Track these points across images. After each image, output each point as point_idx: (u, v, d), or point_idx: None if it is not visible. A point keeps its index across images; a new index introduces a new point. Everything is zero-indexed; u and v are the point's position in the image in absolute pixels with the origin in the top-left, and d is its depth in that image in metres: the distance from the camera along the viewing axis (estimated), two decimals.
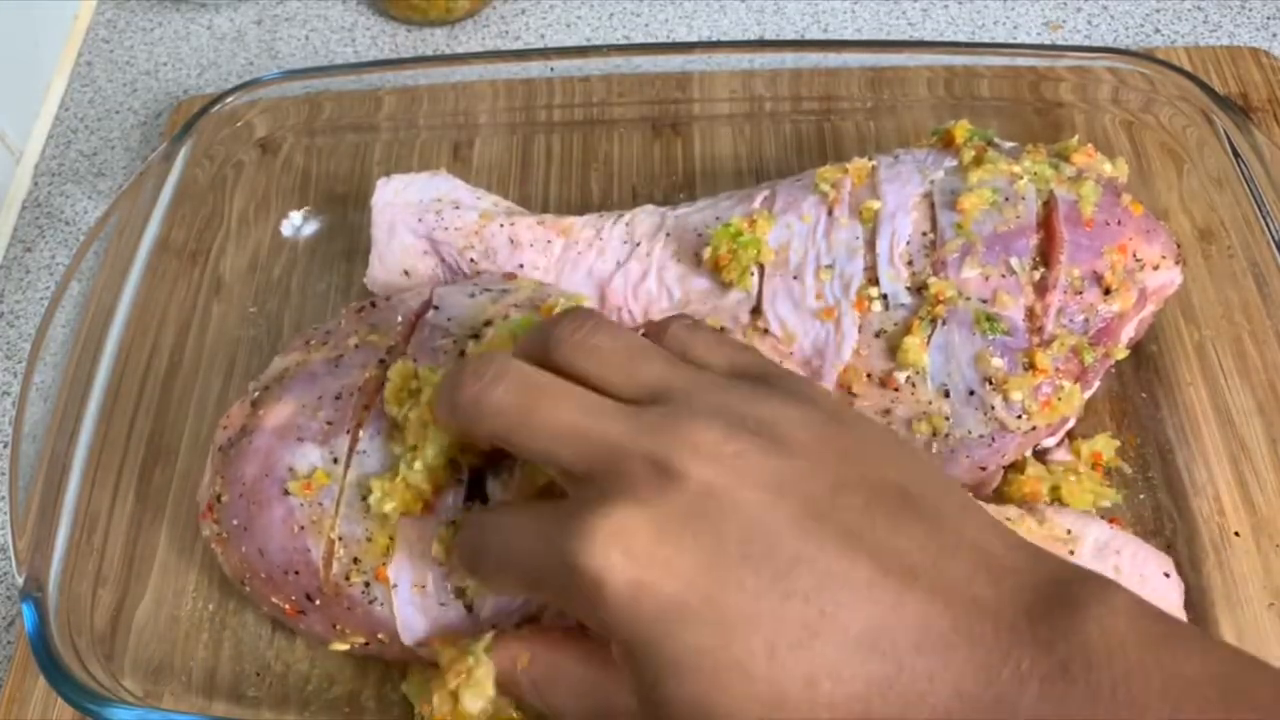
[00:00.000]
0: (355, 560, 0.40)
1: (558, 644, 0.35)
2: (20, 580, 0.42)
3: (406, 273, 0.52)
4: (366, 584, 0.40)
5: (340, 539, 0.40)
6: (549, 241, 0.50)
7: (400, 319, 0.45)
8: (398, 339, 0.44)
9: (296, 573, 0.41)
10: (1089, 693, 0.26)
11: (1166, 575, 0.42)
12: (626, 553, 0.29)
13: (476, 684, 0.35)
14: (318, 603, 0.41)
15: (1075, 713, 0.26)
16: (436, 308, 0.45)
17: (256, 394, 0.45)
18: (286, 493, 0.41)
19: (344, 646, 0.42)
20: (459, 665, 0.36)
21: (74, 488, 0.45)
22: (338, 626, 0.41)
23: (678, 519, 0.30)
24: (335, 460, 0.41)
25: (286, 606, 0.42)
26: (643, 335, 0.37)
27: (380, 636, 0.41)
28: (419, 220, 0.51)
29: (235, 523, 0.42)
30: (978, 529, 0.31)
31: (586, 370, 0.34)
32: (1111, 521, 0.44)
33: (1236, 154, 0.50)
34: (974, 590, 0.29)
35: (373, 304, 0.47)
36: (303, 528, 0.41)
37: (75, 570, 0.44)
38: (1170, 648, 0.27)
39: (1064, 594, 0.29)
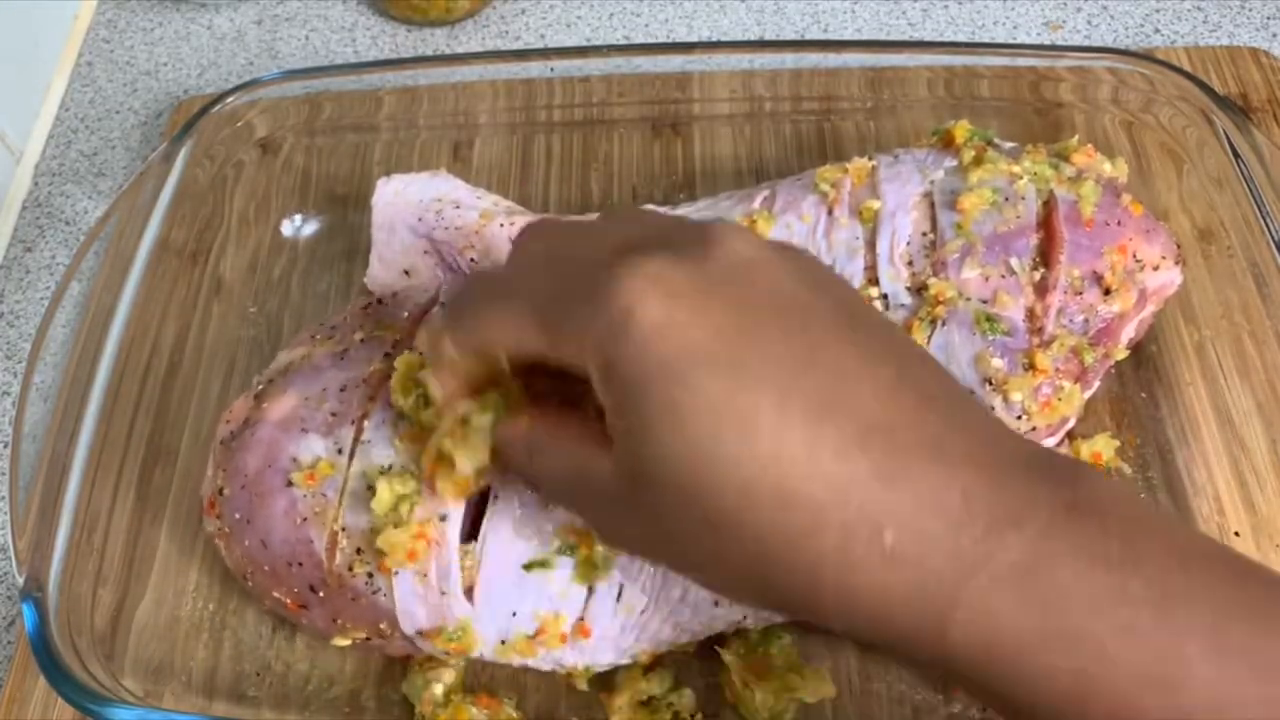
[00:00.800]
0: (359, 551, 0.40)
1: (557, 422, 0.34)
2: (20, 580, 0.42)
3: (407, 272, 0.52)
4: (370, 575, 0.40)
5: (344, 529, 0.40)
6: None
7: (406, 314, 0.46)
8: (403, 333, 0.44)
9: (300, 564, 0.41)
10: (1100, 526, 0.27)
11: None
12: (663, 291, 0.29)
13: (474, 443, 0.34)
14: (321, 594, 0.41)
15: (1089, 540, 0.26)
16: (444, 304, 0.45)
17: (260, 387, 0.45)
18: (289, 484, 0.41)
19: (345, 642, 0.42)
20: (453, 427, 0.35)
21: (74, 488, 0.45)
22: (339, 620, 0.41)
23: (717, 277, 0.29)
24: (340, 451, 0.41)
25: (289, 600, 0.42)
26: None
27: (383, 628, 0.41)
28: (419, 220, 0.51)
29: (237, 516, 0.42)
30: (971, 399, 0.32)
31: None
32: None
33: (1236, 154, 0.50)
34: (987, 431, 0.29)
35: (379, 301, 0.47)
36: (305, 519, 0.41)
37: (75, 570, 0.44)
38: (1161, 516, 0.29)
39: (1062, 462, 0.29)
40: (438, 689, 0.43)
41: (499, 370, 0.35)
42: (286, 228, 0.59)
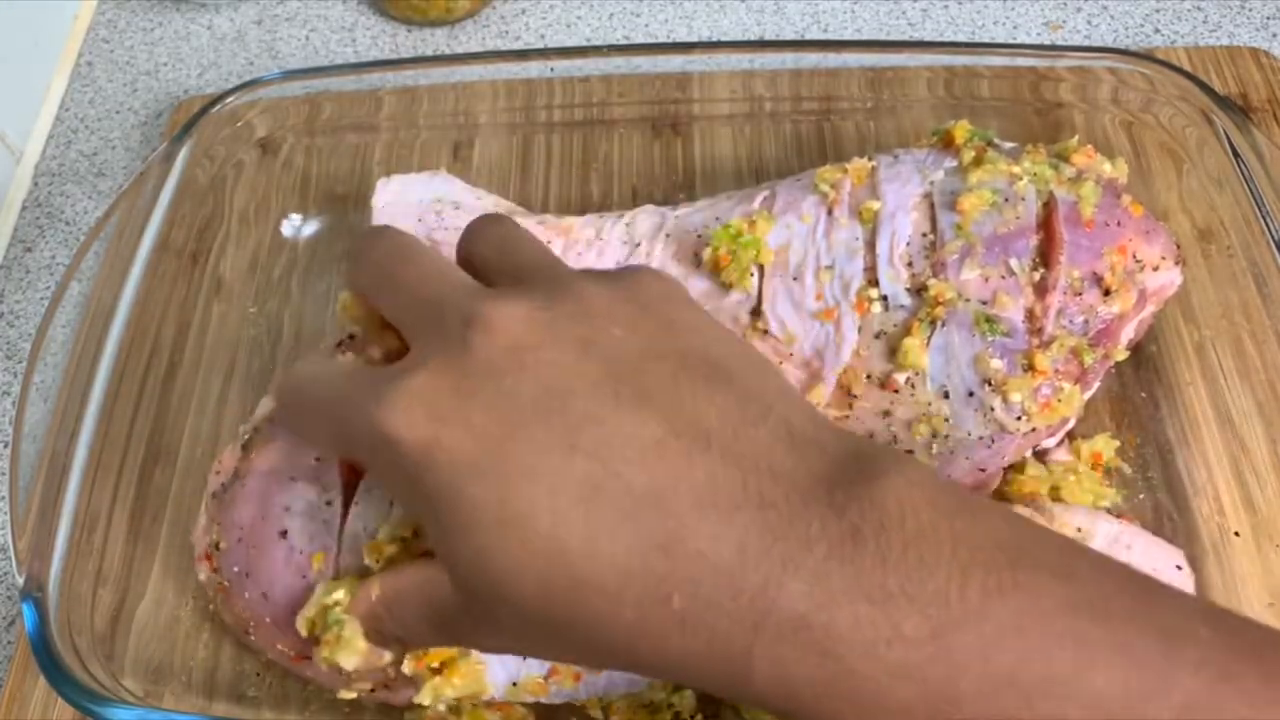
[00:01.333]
0: None
1: (398, 571, 0.34)
2: (20, 580, 0.42)
3: None
4: None
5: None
6: (549, 242, 0.50)
7: (380, 355, 0.45)
8: None
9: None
10: (878, 554, 0.26)
11: (1179, 568, 0.43)
12: (425, 411, 0.30)
13: (346, 643, 0.35)
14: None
15: (864, 573, 0.26)
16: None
17: (246, 437, 0.44)
18: (284, 534, 0.41)
19: (351, 695, 0.41)
20: (326, 635, 0.36)
21: (74, 488, 0.45)
22: (343, 673, 0.41)
23: (479, 375, 0.30)
24: (329, 502, 0.41)
25: (293, 653, 0.41)
26: None
27: (389, 674, 0.40)
28: (419, 220, 0.51)
29: (236, 569, 0.41)
30: (787, 406, 0.31)
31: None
32: (1120, 518, 0.44)
33: (1236, 154, 0.50)
34: (771, 457, 0.29)
35: (352, 337, 0.46)
36: (304, 571, 0.40)
37: (75, 570, 0.44)
38: (963, 515, 0.28)
39: (863, 465, 0.29)
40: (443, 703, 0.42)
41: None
42: (286, 228, 0.59)
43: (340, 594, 0.36)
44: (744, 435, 0.29)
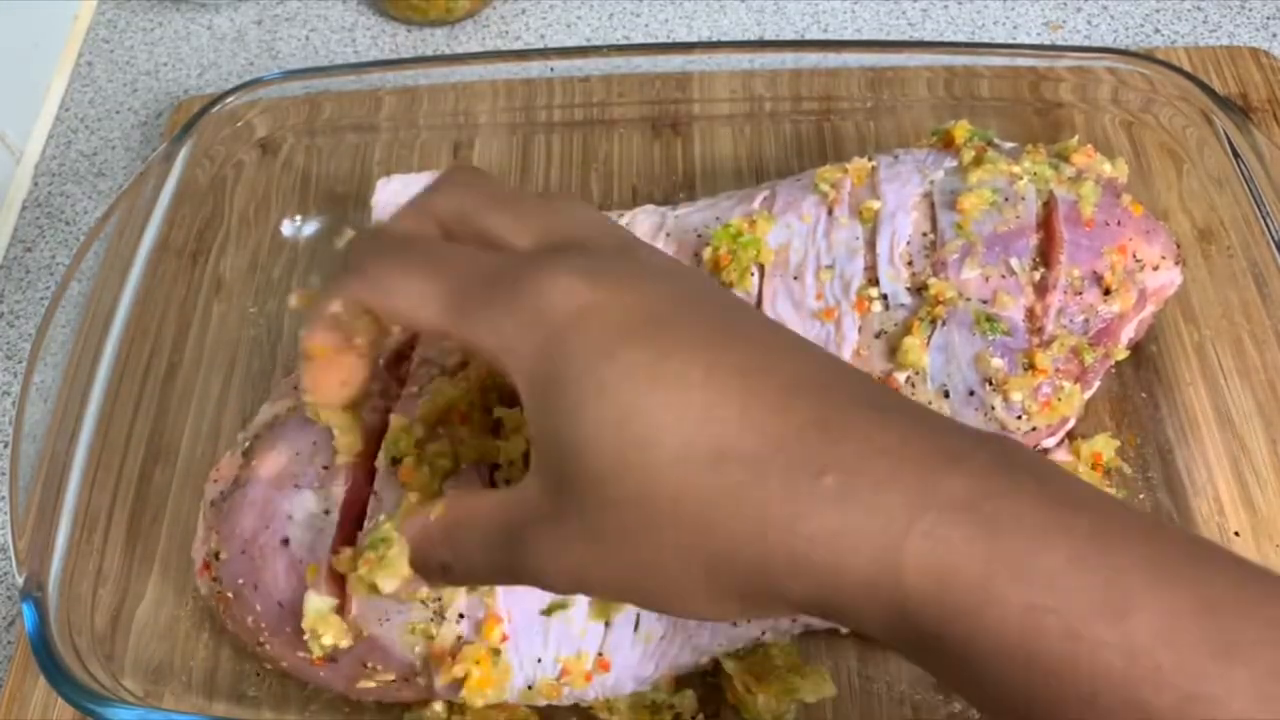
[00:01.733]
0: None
1: (470, 496, 0.33)
2: (20, 580, 0.42)
3: None
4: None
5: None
6: None
7: (388, 354, 0.45)
8: (388, 377, 0.44)
9: None
10: (1029, 475, 0.27)
11: None
12: (591, 280, 0.29)
13: (389, 564, 0.33)
14: (343, 645, 0.40)
15: (1022, 484, 0.27)
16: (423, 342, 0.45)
17: (247, 444, 0.44)
18: (286, 541, 0.40)
19: (371, 684, 0.41)
20: (369, 553, 0.34)
21: (74, 488, 0.45)
22: (369, 665, 0.41)
23: (636, 273, 0.30)
24: (327, 511, 0.40)
25: (314, 658, 0.40)
26: None
27: (417, 669, 0.40)
28: None
29: (240, 581, 0.41)
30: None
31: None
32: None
33: (1236, 154, 0.50)
34: (907, 399, 0.30)
35: None
36: (310, 577, 0.40)
37: (75, 570, 0.44)
38: (1084, 481, 0.29)
39: (984, 431, 0.29)
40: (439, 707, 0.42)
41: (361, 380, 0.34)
42: (286, 228, 0.59)
43: (394, 518, 0.34)
44: (870, 380, 0.30)
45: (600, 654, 0.40)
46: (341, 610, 0.40)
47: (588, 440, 0.28)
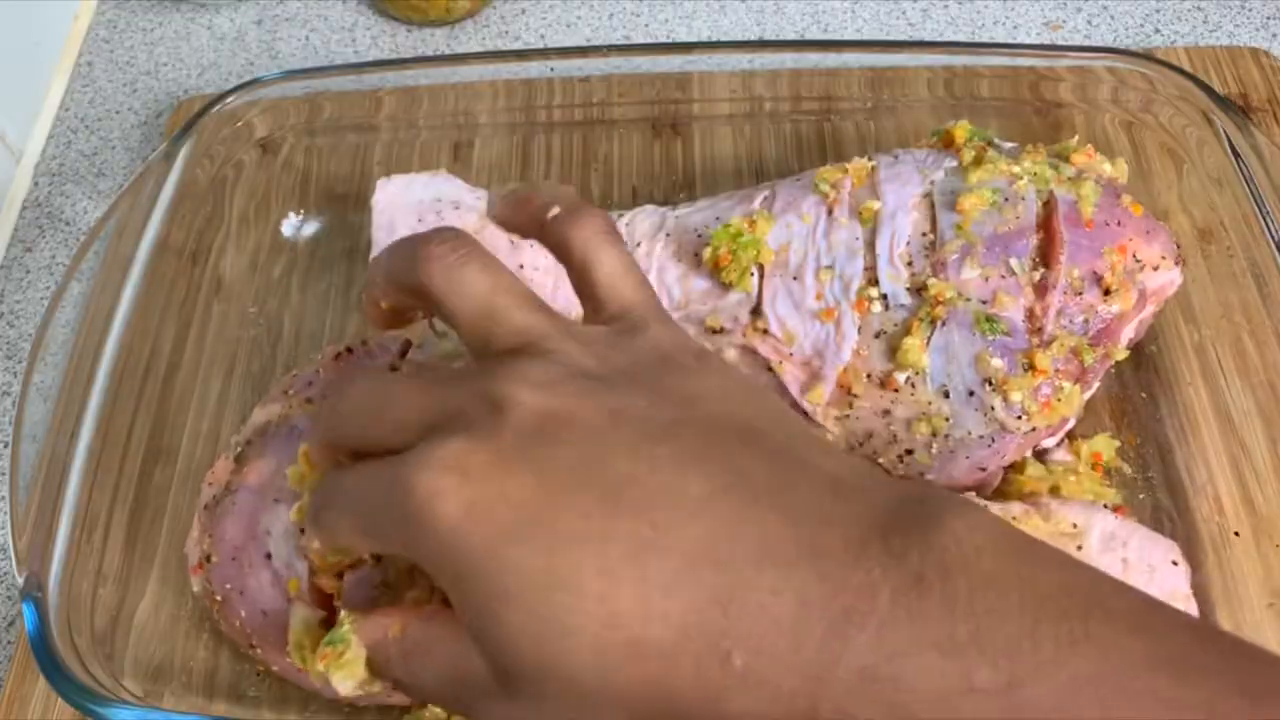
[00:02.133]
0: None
1: (429, 617, 0.33)
2: (20, 580, 0.42)
3: None
4: None
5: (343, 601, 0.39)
6: None
7: (381, 365, 0.45)
8: None
9: None
10: (945, 602, 0.25)
11: (1174, 563, 0.43)
12: (461, 476, 0.28)
13: (347, 665, 0.33)
14: None
15: (931, 623, 0.25)
16: (419, 346, 0.45)
17: (239, 448, 0.44)
18: (269, 556, 0.40)
19: (374, 689, 0.41)
20: (325, 649, 0.34)
21: (74, 488, 0.45)
22: None
23: (513, 446, 0.29)
24: (304, 528, 0.40)
25: (302, 666, 0.40)
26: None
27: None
28: (419, 220, 0.51)
29: (229, 586, 0.41)
30: (824, 457, 0.30)
31: (446, 299, 0.33)
32: (1116, 510, 0.44)
33: (1236, 154, 0.50)
34: (821, 508, 0.28)
35: (349, 350, 0.46)
36: (291, 594, 0.40)
37: (75, 570, 0.44)
38: (1029, 561, 0.27)
39: (919, 510, 0.28)
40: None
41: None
42: (286, 228, 0.59)
43: (352, 620, 0.34)
44: (788, 488, 0.28)
45: None
46: (328, 623, 0.39)
47: (508, 641, 0.28)
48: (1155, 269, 0.46)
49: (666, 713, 0.27)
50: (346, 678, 0.33)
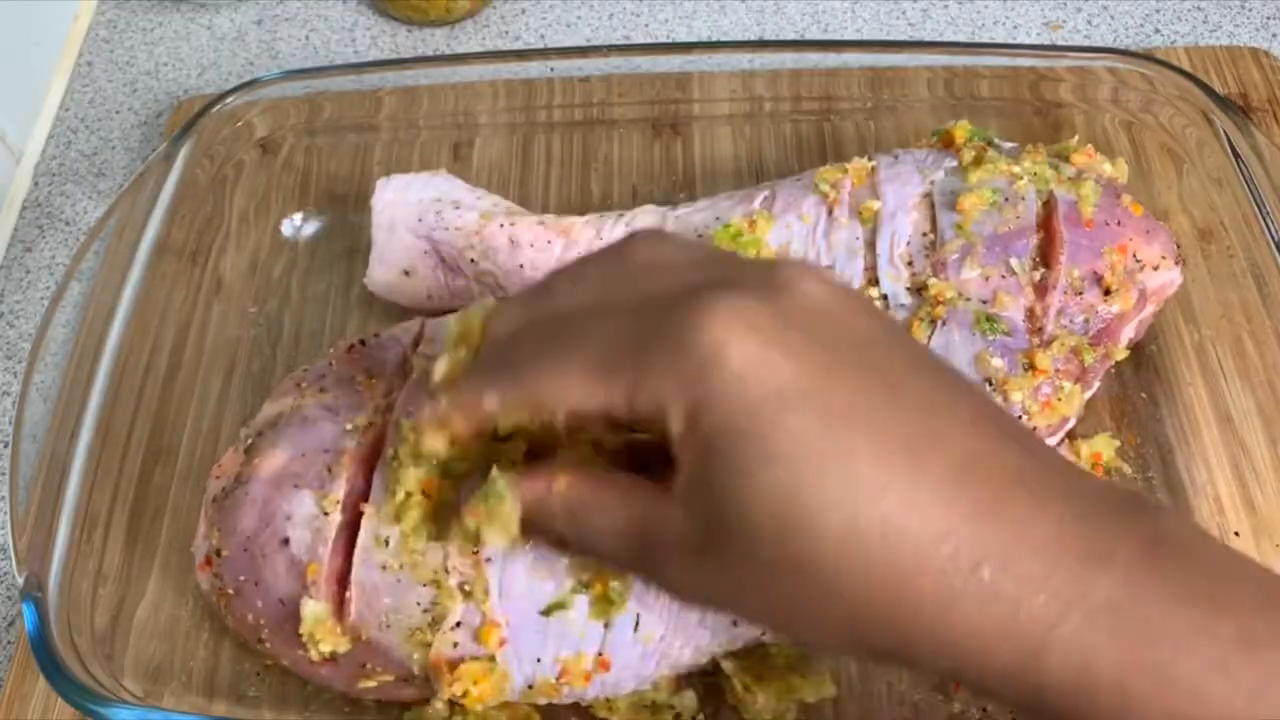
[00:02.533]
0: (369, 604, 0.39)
1: (597, 478, 0.32)
2: (20, 580, 0.42)
3: (406, 273, 0.52)
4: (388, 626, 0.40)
5: (358, 585, 0.39)
6: (549, 242, 0.50)
7: (393, 357, 0.45)
8: (393, 380, 0.44)
9: None
10: (1181, 562, 0.27)
11: None
12: (751, 329, 0.28)
13: (502, 519, 0.32)
14: (342, 650, 0.40)
15: (1172, 576, 0.27)
16: (432, 340, 0.45)
17: (250, 441, 0.44)
18: (286, 542, 0.40)
19: (372, 683, 0.41)
20: (475, 505, 0.32)
21: (74, 488, 0.45)
22: (368, 665, 0.41)
23: (796, 317, 0.29)
24: (336, 506, 0.40)
25: (313, 656, 0.40)
26: None
27: (416, 674, 0.40)
28: (419, 220, 0.51)
29: (242, 578, 0.41)
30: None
31: None
32: None
33: (1236, 154, 0.50)
34: (1065, 468, 0.29)
35: (362, 342, 0.46)
36: (309, 579, 0.40)
37: (75, 570, 0.44)
38: (1239, 555, 0.29)
39: (1132, 494, 0.29)
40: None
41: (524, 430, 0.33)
42: (286, 228, 0.59)
43: (507, 475, 0.33)
44: (1030, 439, 0.30)
45: (600, 654, 0.40)
46: (340, 614, 0.40)
47: (752, 504, 0.28)
48: (1155, 269, 0.46)
49: (885, 611, 0.28)
50: (499, 533, 0.32)
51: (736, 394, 0.28)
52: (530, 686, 0.40)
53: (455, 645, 0.39)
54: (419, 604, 0.39)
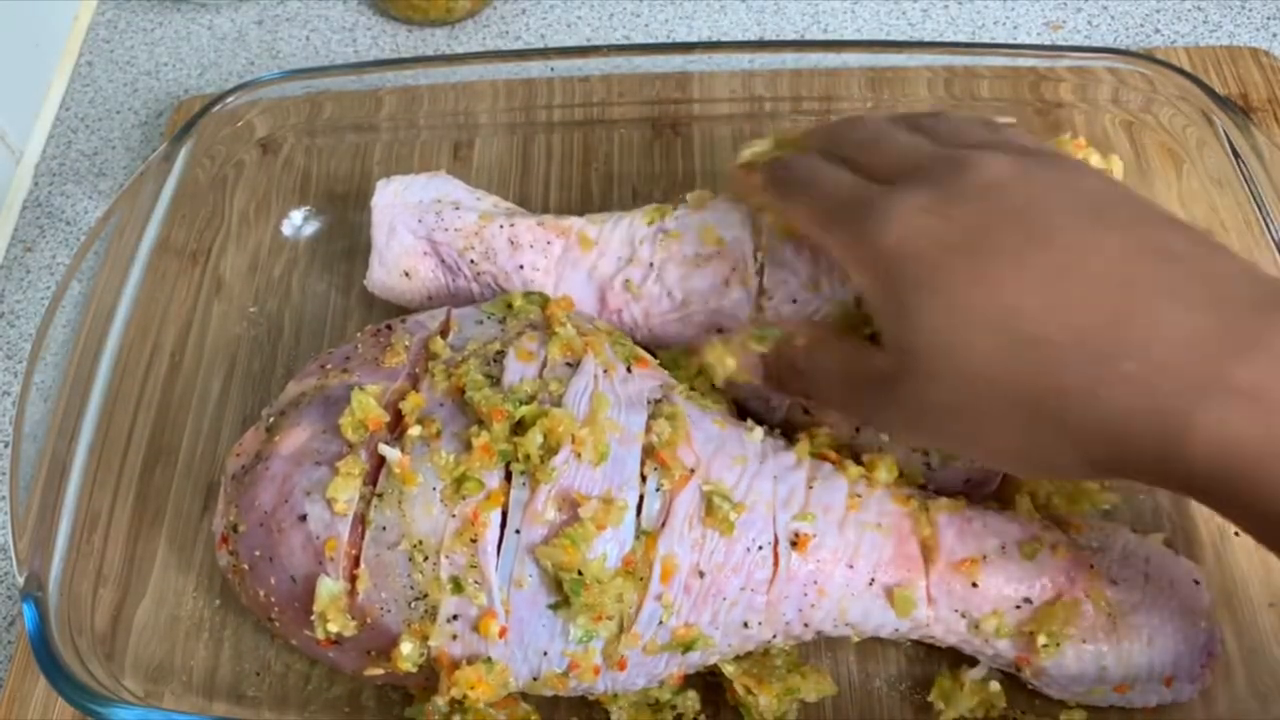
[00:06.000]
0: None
1: (825, 331, 0.42)
2: (20, 580, 0.42)
3: (406, 274, 0.52)
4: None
5: (366, 565, 0.40)
6: (549, 242, 0.50)
7: (416, 341, 0.45)
8: (416, 362, 0.44)
9: None
10: None
11: (1196, 582, 0.42)
12: (920, 208, 0.36)
13: (728, 356, 0.43)
14: (349, 634, 0.40)
15: None
16: (459, 328, 0.45)
17: (271, 420, 0.44)
18: (303, 518, 0.40)
19: (378, 671, 0.41)
20: (740, 342, 0.43)
21: (74, 488, 0.45)
22: (373, 652, 0.41)
23: (967, 195, 0.36)
24: (360, 484, 0.41)
25: (320, 637, 0.40)
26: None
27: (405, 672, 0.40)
28: (419, 221, 0.51)
29: (257, 553, 0.41)
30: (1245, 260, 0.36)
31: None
32: (1145, 535, 0.44)
33: (1236, 154, 0.50)
34: (1235, 275, 0.33)
35: (389, 326, 0.46)
36: (325, 556, 0.40)
37: (75, 570, 0.44)
38: None
39: None
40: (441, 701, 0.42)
41: None
42: (286, 228, 0.59)
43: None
44: (1203, 260, 0.34)
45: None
46: (352, 594, 0.40)
47: (923, 323, 0.36)
48: None
49: (1038, 397, 0.34)
50: (723, 366, 0.43)
51: (905, 249, 0.36)
52: (536, 678, 0.40)
53: (455, 638, 0.39)
54: (412, 589, 0.39)
